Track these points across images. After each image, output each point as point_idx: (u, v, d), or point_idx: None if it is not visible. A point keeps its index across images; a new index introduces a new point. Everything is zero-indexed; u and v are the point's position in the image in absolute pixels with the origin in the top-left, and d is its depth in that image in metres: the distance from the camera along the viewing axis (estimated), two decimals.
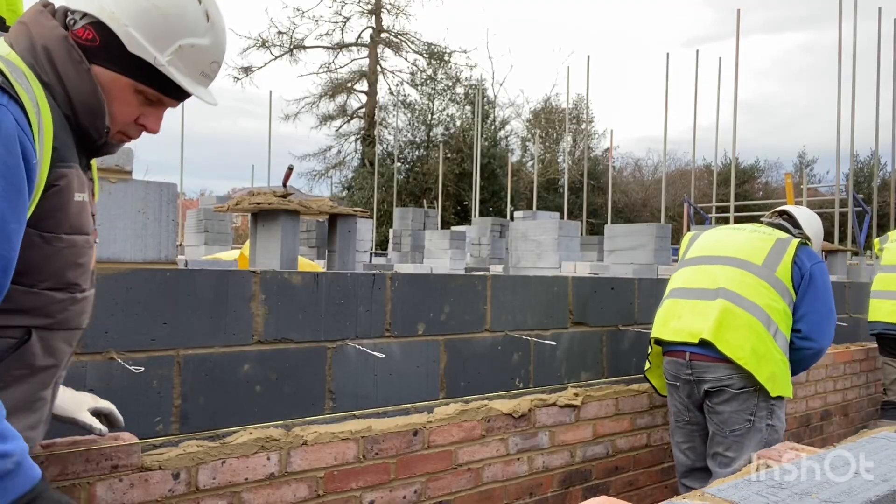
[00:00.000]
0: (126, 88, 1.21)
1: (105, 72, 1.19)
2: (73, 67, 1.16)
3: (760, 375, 2.73)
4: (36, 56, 1.16)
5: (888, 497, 1.19)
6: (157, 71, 1.20)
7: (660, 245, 10.18)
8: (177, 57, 1.21)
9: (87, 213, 1.22)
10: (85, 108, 1.18)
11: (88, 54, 1.18)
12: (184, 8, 1.21)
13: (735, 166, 16.19)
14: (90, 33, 1.17)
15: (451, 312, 2.70)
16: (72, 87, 1.17)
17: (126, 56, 1.17)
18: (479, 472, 2.61)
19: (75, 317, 1.26)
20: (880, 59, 14.34)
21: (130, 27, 1.16)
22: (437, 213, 19.26)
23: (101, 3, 1.17)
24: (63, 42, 1.16)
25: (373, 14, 31.59)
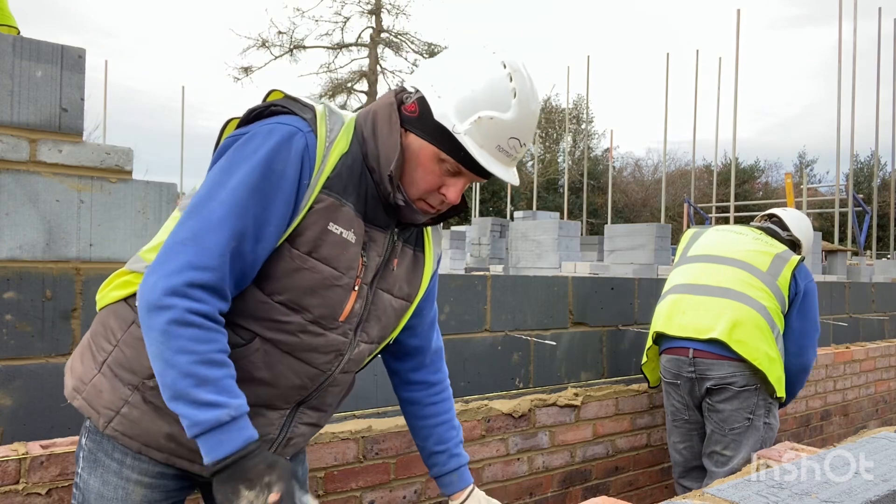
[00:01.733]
0: (430, 156, 1.30)
1: (416, 139, 1.30)
2: (387, 126, 1.30)
3: (772, 376, 2.78)
4: (366, 118, 1.33)
5: (888, 497, 1.19)
6: (457, 140, 1.27)
7: (660, 245, 10.18)
8: (474, 127, 1.27)
9: (343, 250, 1.27)
10: (385, 157, 1.30)
11: (408, 124, 1.30)
12: (495, 84, 1.28)
13: (735, 166, 16.20)
14: (414, 106, 1.31)
15: (451, 312, 2.70)
16: (381, 141, 1.30)
17: (433, 124, 1.28)
18: (478, 472, 2.61)
19: (307, 350, 1.29)
20: (880, 58, 14.35)
21: (442, 98, 1.28)
22: None
23: (426, 79, 1.30)
24: (387, 108, 1.32)
25: (373, 14, 31.60)
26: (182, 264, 1.14)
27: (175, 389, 1.11)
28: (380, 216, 1.33)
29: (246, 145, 1.23)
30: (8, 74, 1.94)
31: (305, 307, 1.26)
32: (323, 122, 1.26)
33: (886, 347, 5.12)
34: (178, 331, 1.11)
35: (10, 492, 1.65)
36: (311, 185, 1.23)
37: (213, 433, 1.11)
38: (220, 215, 1.17)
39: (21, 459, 1.67)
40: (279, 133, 1.22)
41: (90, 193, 2.01)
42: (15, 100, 1.95)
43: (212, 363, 1.13)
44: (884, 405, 5.17)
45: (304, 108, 1.28)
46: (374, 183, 1.30)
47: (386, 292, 1.37)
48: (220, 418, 1.11)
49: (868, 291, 5.27)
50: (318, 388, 1.35)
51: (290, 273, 1.24)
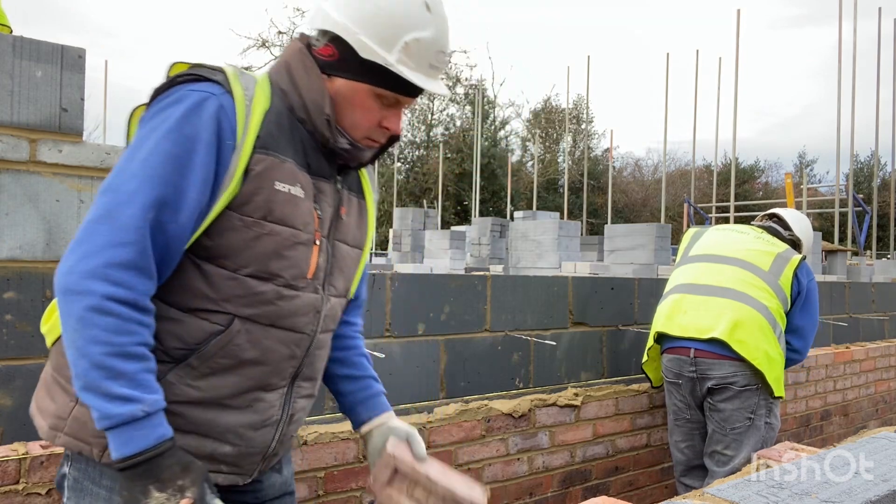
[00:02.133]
0: (365, 94, 1.28)
1: (345, 83, 1.27)
2: (305, 73, 1.28)
3: (770, 376, 2.79)
4: (279, 70, 1.30)
5: (888, 497, 1.19)
6: (391, 72, 1.25)
7: (660, 245, 10.18)
8: (404, 54, 1.25)
9: (296, 207, 1.24)
10: (313, 105, 1.27)
11: (330, 69, 1.27)
12: (405, 4, 1.26)
13: (735, 166, 16.20)
14: (330, 49, 1.27)
15: (451, 312, 2.70)
16: (303, 90, 1.27)
17: (361, 63, 1.25)
18: (479, 472, 2.61)
19: (288, 316, 1.26)
20: (880, 58, 14.35)
21: (361, 34, 1.23)
22: (437, 213, 19.27)
23: (333, 18, 1.25)
24: (299, 54, 1.29)
25: None
26: (98, 244, 1.09)
27: (87, 380, 1.06)
28: (323, 166, 1.31)
29: (155, 117, 1.17)
30: (8, 74, 1.94)
31: (275, 273, 1.23)
32: (236, 82, 1.21)
33: (886, 347, 5.12)
34: (94, 319, 1.06)
35: (11, 492, 1.65)
36: (238, 147, 1.19)
37: (125, 428, 1.06)
38: (132, 188, 1.12)
39: (21, 459, 1.67)
40: (188, 99, 1.17)
41: (90, 193, 2.01)
42: (15, 100, 1.95)
43: (128, 356, 1.08)
44: (884, 405, 5.17)
45: (212, 71, 1.22)
46: (309, 133, 1.28)
47: (342, 242, 1.36)
48: (134, 413, 1.07)
49: (868, 291, 5.27)
50: (306, 355, 1.32)
51: (250, 243, 1.20)
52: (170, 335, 1.19)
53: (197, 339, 1.19)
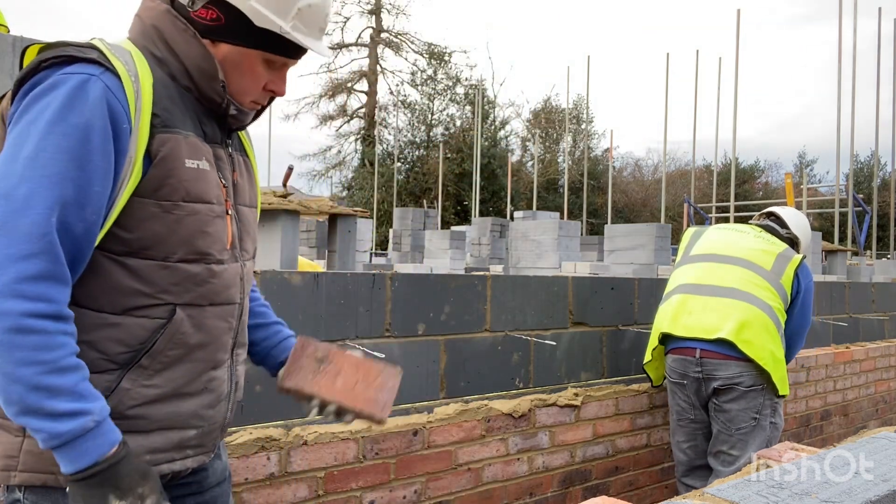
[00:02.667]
0: (256, 60, 1.25)
1: (233, 48, 1.23)
2: (181, 36, 1.20)
3: (776, 376, 2.81)
4: (147, 36, 1.21)
5: (888, 497, 1.19)
6: (282, 38, 1.23)
7: (660, 245, 10.18)
8: (298, 20, 1.24)
9: (208, 182, 1.21)
10: (199, 72, 1.21)
11: (213, 34, 1.21)
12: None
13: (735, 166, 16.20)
14: (213, 13, 1.20)
15: (451, 312, 2.70)
16: (183, 55, 1.20)
17: (253, 30, 1.21)
18: (479, 472, 2.61)
19: (221, 290, 1.25)
20: (880, 58, 14.35)
21: (253, 1, 1.19)
22: (437, 213, 19.27)
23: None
24: (167, 16, 1.21)
25: (373, 14, 31.61)
26: (3, 260, 0.99)
27: (24, 405, 1.00)
28: (215, 133, 1.27)
29: (27, 111, 1.06)
30: (8, 74, 1.94)
31: (203, 251, 1.21)
32: (113, 56, 1.12)
33: (886, 347, 5.12)
34: (17, 340, 0.99)
35: None
36: (134, 129, 1.11)
37: (77, 442, 1.02)
38: (25, 192, 1.01)
39: None
40: (66, 83, 1.06)
41: None
42: None
43: (62, 370, 1.02)
44: (884, 405, 5.17)
45: (81, 49, 1.11)
46: (196, 100, 1.23)
47: (242, 205, 1.33)
48: (85, 425, 1.02)
49: (868, 291, 5.27)
50: (239, 323, 1.33)
51: (173, 227, 1.16)
52: (111, 341, 1.14)
53: (140, 339, 1.16)
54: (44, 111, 1.05)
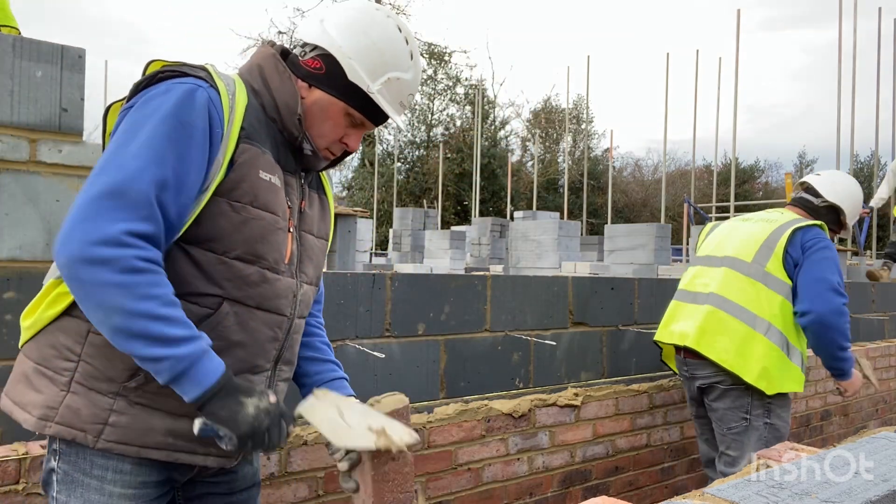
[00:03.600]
0: (339, 111, 1.41)
1: (325, 96, 1.40)
2: (278, 76, 1.38)
3: (748, 376, 2.69)
4: (251, 71, 1.40)
5: (888, 497, 1.19)
6: (368, 98, 1.40)
7: (660, 245, 10.18)
8: (385, 87, 1.41)
9: (277, 196, 1.33)
10: (285, 106, 1.37)
11: (313, 80, 1.40)
12: (395, 47, 1.43)
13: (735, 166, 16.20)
14: (318, 63, 1.40)
15: (451, 312, 2.70)
16: (275, 91, 1.37)
17: (345, 83, 1.39)
18: (479, 472, 2.61)
19: (272, 298, 1.34)
20: (880, 58, 14.34)
21: (353, 60, 1.38)
22: (437, 213, 19.26)
23: (331, 38, 1.39)
24: (272, 59, 1.40)
25: None
26: (112, 218, 1.11)
27: (148, 334, 1.11)
28: (290, 162, 1.40)
29: (145, 106, 1.22)
30: (8, 74, 1.94)
31: (260, 255, 1.30)
32: (218, 77, 1.29)
33: (886, 347, 5.12)
34: (134, 278, 1.10)
35: (11, 492, 1.65)
36: (225, 136, 1.25)
37: (201, 363, 1.15)
38: (138, 165, 1.15)
39: (21, 459, 1.67)
40: (179, 89, 1.23)
41: None
42: (15, 100, 1.95)
43: (173, 303, 1.15)
44: (884, 405, 5.17)
45: (193, 68, 1.29)
46: (278, 131, 1.38)
47: (308, 233, 1.44)
48: (202, 347, 1.16)
49: (868, 291, 5.27)
50: (287, 337, 1.40)
51: (238, 226, 1.26)
52: None
53: None
54: (159, 108, 1.20)
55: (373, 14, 1.42)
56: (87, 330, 1.23)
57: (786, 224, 2.82)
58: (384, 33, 1.42)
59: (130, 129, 1.19)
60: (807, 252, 2.73)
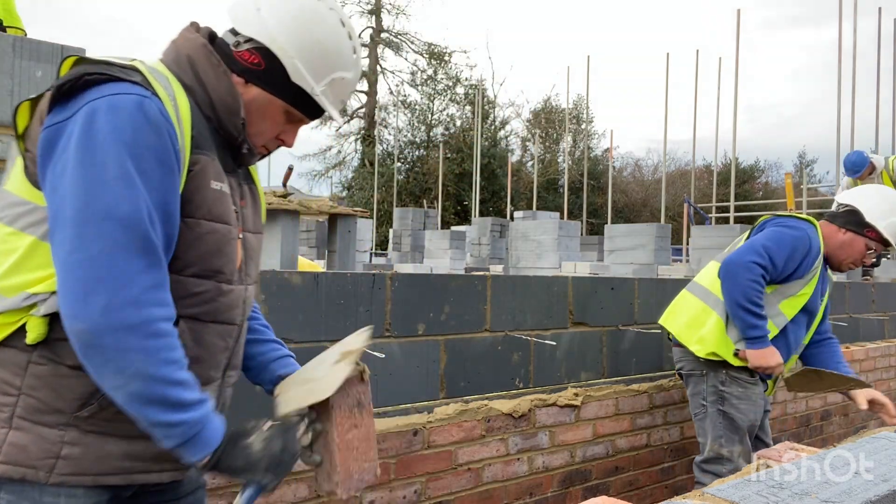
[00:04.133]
0: (279, 109, 1.34)
1: (264, 94, 1.32)
2: (212, 71, 1.28)
3: (689, 343, 2.87)
4: (179, 64, 1.28)
5: (888, 497, 1.19)
6: (309, 97, 1.33)
7: (660, 245, 10.17)
8: (329, 87, 1.35)
9: (228, 205, 1.28)
10: (223, 105, 1.28)
11: (251, 76, 1.30)
12: (341, 45, 1.35)
13: (735, 166, 16.19)
14: (256, 58, 1.30)
15: (451, 312, 2.70)
16: (211, 88, 1.27)
17: (287, 83, 1.31)
18: (479, 472, 2.61)
19: (225, 310, 1.30)
20: (880, 58, 14.33)
21: (297, 59, 1.29)
22: (437, 213, 19.25)
23: (272, 35, 1.28)
24: (203, 49, 1.29)
25: (373, 14, 31.60)
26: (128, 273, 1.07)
27: (167, 399, 1.10)
28: (228, 162, 1.34)
29: (96, 128, 1.09)
30: (8, 74, 1.94)
31: (216, 269, 1.26)
32: (154, 80, 1.18)
33: (886, 347, 5.12)
34: (157, 343, 1.10)
35: None
36: (181, 149, 1.18)
37: (210, 424, 1.16)
38: (127, 210, 1.08)
39: None
40: (126, 105, 1.11)
41: None
42: (15, 100, 1.95)
43: (185, 366, 1.15)
44: None
45: (126, 70, 1.16)
46: (215, 130, 1.30)
47: (249, 233, 1.39)
48: (210, 407, 1.17)
49: (868, 291, 5.27)
50: (236, 344, 1.37)
51: (193, 243, 1.22)
52: None
53: None
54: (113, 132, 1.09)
55: (317, 6, 1.32)
56: (26, 361, 1.15)
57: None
58: (330, 31, 1.33)
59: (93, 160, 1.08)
60: (763, 229, 2.85)
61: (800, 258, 2.73)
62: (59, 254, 1.08)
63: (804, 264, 2.74)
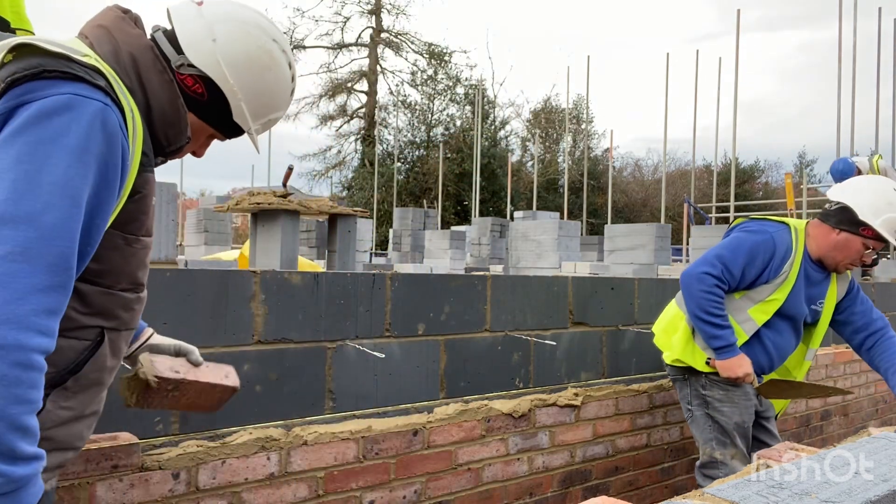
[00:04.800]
0: (205, 133, 1.34)
1: (198, 121, 1.30)
2: (157, 76, 1.20)
3: (664, 348, 2.94)
4: (120, 61, 1.17)
5: (888, 497, 1.19)
6: (238, 127, 1.34)
7: (660, 245, 10.18)
8: (261, 125, 1.38)
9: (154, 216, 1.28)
10: (161, 115, 1.21)
11: (190, 104, 1.26)
12: (285, 89, 1.36)
13: (735, 166, 16.19)
14: (200, 88, 1.26)
15: (451, 312, 2.70)
16: (152, 95, 1.19)
17: (226, 119, 1.31)
18: (479, 472, 2.61)
19: (136, 317, 1.31)
20: (880, 57, 14.33)
21: (243, 102, 1.28)
22: (437, 213, 19.26)
23: (223, 73, 1.25)
24: (149, 52, 1.20)
25: (373, 14, 31.60)
26: (23, 288, 0.94)
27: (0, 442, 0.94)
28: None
29: (45, 126, 1.00)
30: None
31: (140, 281, 1.27)
32: (118, 88, 1.11)
33: None
34: (21, 376, 0.94)
35: None
36: (129, 167, 1.12)
37: (30, 487, 0.98)
38: (53, 220, 0.98)
39: None
40: (87, 113, 1.02)
41: None
42: None
43: (36, 411, 0.99)
44: (884, 405, 5.17)
45: (89, 71, 1.07)
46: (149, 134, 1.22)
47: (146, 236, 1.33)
48: (38, 469, 0.99)
49: (868, 291, 5.27)
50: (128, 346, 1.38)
51: (129, 259, 1.20)
52: None
53: (69, 360, 1.15)
54: (65, 135, 1.01)
55: (272, 49, 1.29)
56: None
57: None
58: (279, 76, 1.32)
59: (29, 159, 0.98)
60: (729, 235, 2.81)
61: (762, 263, 2.64)
62: None
63: (770, 269, 2.65)
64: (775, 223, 2.77)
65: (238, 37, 1.26)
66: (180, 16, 1.26)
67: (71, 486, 1.67)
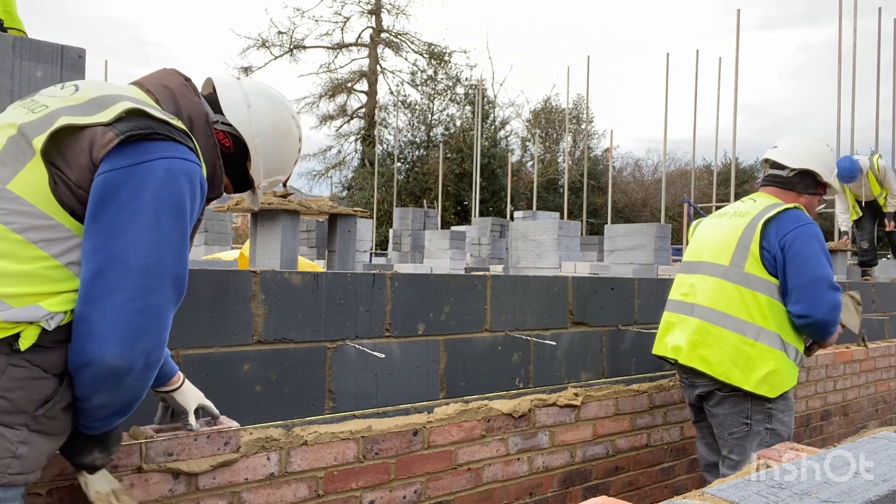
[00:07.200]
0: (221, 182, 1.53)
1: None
2: (205, 140, 1.44)
3: (747, 384, 2.63)
4: (179, 116, 1.41)
5: (888, 497, 1.19)
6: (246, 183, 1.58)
7: (660, 245, 10.18)
8: (268, 184, 1.61)
9: None
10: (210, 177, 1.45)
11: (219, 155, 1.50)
12: (293, 156, 1.61)
13: (735, 166, 16.19)
14: (229, 142, 1.51)
15: (451, 312, 2.70)
16: (206, 159, 1.43)
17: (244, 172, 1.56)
18: (479, 472, 2.61)
19: None
20: (880, 57, 14.32)
21: (262, 161, 1.54)
22: (437, 213, 19.25)
23: (253, 133, 1.51)
24: (203, 118, 1.44)
25: (373, 14, 31.58)
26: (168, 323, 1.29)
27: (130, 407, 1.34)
28: None
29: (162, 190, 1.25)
30: (8, 74, 1.94)
31: None
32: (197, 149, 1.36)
33: (886, 347, 5.12)
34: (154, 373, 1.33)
35: None
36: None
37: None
38: (181, 272, 1.29)
39: None
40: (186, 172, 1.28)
41: None
42: (15, 99, 1.95)
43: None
44: (884, 405, 5.17)
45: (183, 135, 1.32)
46: None
47: None
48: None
49: (868, 291, 5.27)
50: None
51: None
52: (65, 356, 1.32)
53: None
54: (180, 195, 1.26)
55: (290, 122, 1.59)
56: (6, 364, 1.18)
57: (757, 216, 2.70)
58: (293, 145, 1.60)
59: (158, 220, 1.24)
60: (787, 245, 2.60)
61: None
62: (113, 296, 1.18)
63: None
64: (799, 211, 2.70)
65: (268, 107, 1.54)
66: (223, 84, 1.54)
67: (71, 486, 1.67)
